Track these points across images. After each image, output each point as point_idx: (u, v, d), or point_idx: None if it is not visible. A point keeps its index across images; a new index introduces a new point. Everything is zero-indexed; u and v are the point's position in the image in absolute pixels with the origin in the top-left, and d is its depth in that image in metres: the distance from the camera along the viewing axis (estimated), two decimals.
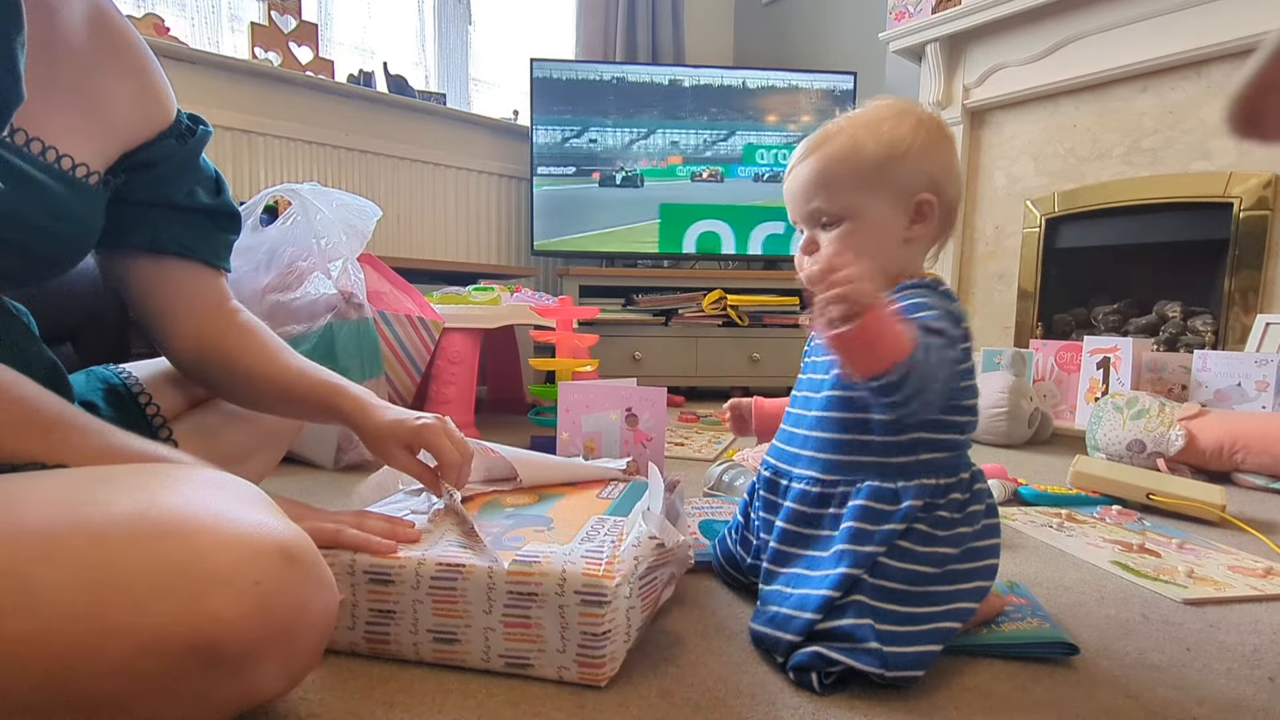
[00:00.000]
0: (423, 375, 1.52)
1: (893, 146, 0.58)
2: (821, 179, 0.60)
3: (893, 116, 0.60)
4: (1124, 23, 1.76)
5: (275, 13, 2.04)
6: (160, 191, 0.60)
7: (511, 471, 0.74)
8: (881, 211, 0.59)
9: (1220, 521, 1.02)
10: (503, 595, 0.51)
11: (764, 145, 2.44)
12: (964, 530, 0.57)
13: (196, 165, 0.62)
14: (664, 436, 1.25)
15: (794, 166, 0.63)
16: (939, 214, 0.60)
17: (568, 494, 0.72)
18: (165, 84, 0.60)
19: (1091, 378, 1.73)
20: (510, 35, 2.67)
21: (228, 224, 0.66)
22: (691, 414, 1.98)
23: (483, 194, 2.52)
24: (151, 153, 0.58)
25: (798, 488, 0.60)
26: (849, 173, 0.59)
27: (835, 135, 0.61)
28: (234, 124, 1.95)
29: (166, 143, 0.59)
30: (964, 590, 0.55)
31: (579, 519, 0.63)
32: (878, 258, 0.60)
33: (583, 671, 0.51)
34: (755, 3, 3.02)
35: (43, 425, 0.42)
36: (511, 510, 0.66)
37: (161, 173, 0.59)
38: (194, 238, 0.62)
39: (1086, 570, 0.82)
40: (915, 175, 0.59)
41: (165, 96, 0.59)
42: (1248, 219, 1.64)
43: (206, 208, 0.63)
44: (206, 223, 0.63)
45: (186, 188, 0.61)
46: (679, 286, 2.40)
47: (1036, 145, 2.04)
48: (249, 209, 1.42)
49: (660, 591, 0.59)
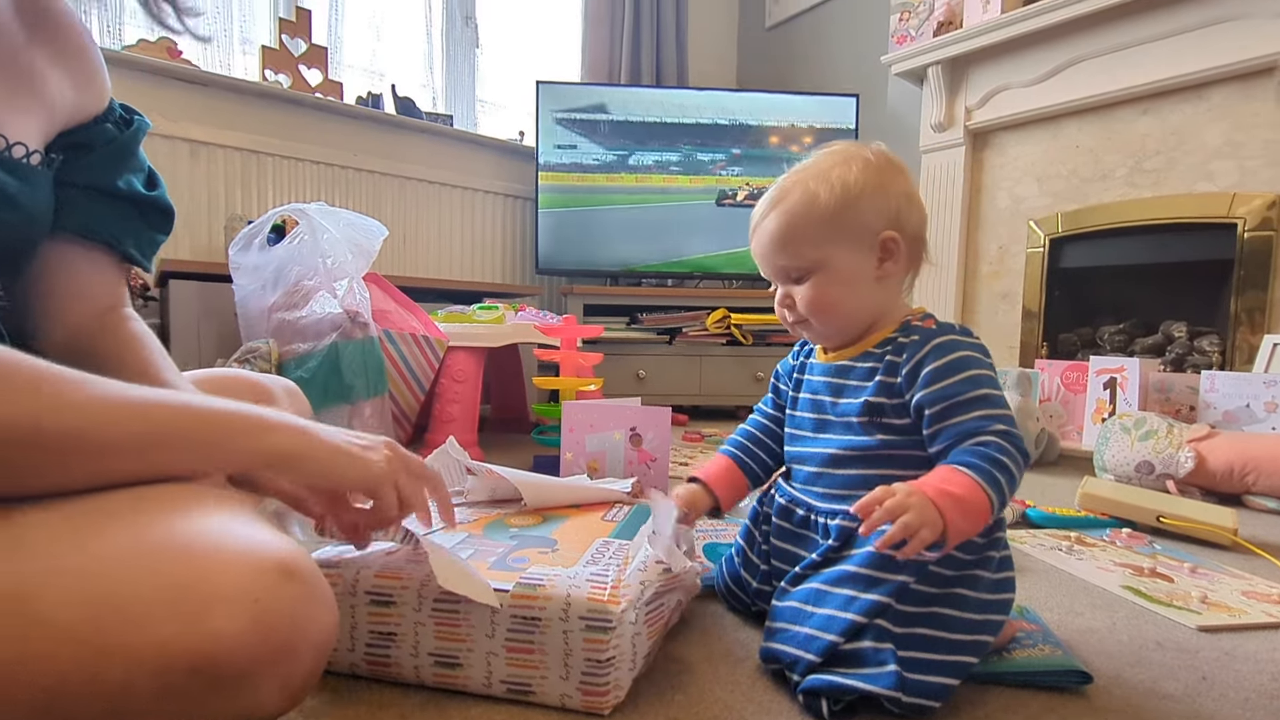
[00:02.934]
0: (427, 394, 1.52)
1: (846, 192, 0.59)
2: (784, 235, 0.61)
3: (840, 162, 0.61)
4: (1125, 46, 1.78)
5: (286, 36, 2.08)
6: (95, 176, 0.56)
7: (516, 493, 0.74)
8: (848, 258, 0.60)
9: (1233, 545, 1.01)
10: (506, 620, 0.51)
11: (766, 166, 2.45)
12: (992, 555, 0.56)
13: (135, 154, 0.59)
14: (668, 456, 1.25)
15: (756, 225, 0.64)
16: (905, 248, 0.61)
17: (572, 516, 0.72)
18: (102, 66, 0.57)
19: (1098, 398, 1.72)
20: (517, 58, 2.71)
21: (159, 221, 0.61)
22: (696, 433, 1.97)
23: (488, 213, 2.55)
24: (88, 134, 0.55)
25: (836, 525, 0.59)
26: (809, 225, 0.60)
27: (790, 190, 0.62)
28: (243, 144, 1.98)
29: (104, 127, 0.56)
30: (984, 622, 0.55)
31: (584, 541, 0.62)
32: (852, 301, 0.61)
33: (586, 700, 0.50)
34: (758, 26, 3.07)
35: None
36: (516, 531, 0.66)
37: (98, 157, 0.56)
38: (122, 229, 0.58)
39: (1097, 595, 0.81)
40: (874, 215, 0.60)
41: (102, 79, 0.57)
42: (1252, 239, 1.64)
43: (140, 198, 0.59)
44: (135, 214, 0.59)
45: (123, 175, 0.58)
46: (683, 305, 2.40)
47: (1039, 166, 2.05)
48: (257, 228, 1.43)
49: (668, 617, 0.58)
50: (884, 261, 0.61)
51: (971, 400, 0.55)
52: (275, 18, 2.12)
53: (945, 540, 0.49)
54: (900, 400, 0.58)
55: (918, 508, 0.48)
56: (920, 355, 0.57)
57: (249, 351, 1.26)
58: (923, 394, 0.56)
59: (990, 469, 0.52)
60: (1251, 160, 1.65)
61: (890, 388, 0.59)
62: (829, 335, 0.64)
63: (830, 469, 0.62)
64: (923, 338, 0.58)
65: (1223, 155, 1.69)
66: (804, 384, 0.67)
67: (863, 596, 0.53)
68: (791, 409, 0.68)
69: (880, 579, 0.53)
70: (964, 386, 0.55)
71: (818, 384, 0.65)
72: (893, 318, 0.62)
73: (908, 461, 0.58)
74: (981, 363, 0.57)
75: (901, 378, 0.58)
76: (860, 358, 0.62)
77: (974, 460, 0.52)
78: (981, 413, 0.54)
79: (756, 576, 0.67)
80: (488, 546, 0.61)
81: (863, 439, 0.60)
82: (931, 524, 0.48)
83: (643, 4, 2.72)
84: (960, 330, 0.59)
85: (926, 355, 0.57)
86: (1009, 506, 1.08)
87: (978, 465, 0.52)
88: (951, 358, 0.56)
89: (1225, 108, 1.68)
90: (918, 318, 0.61)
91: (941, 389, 0.55)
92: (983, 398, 0.55)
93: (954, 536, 0.50)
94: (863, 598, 0.53)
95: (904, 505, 0.49)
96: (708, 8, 3.04)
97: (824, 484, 0.63)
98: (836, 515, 0.60)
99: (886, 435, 0.59)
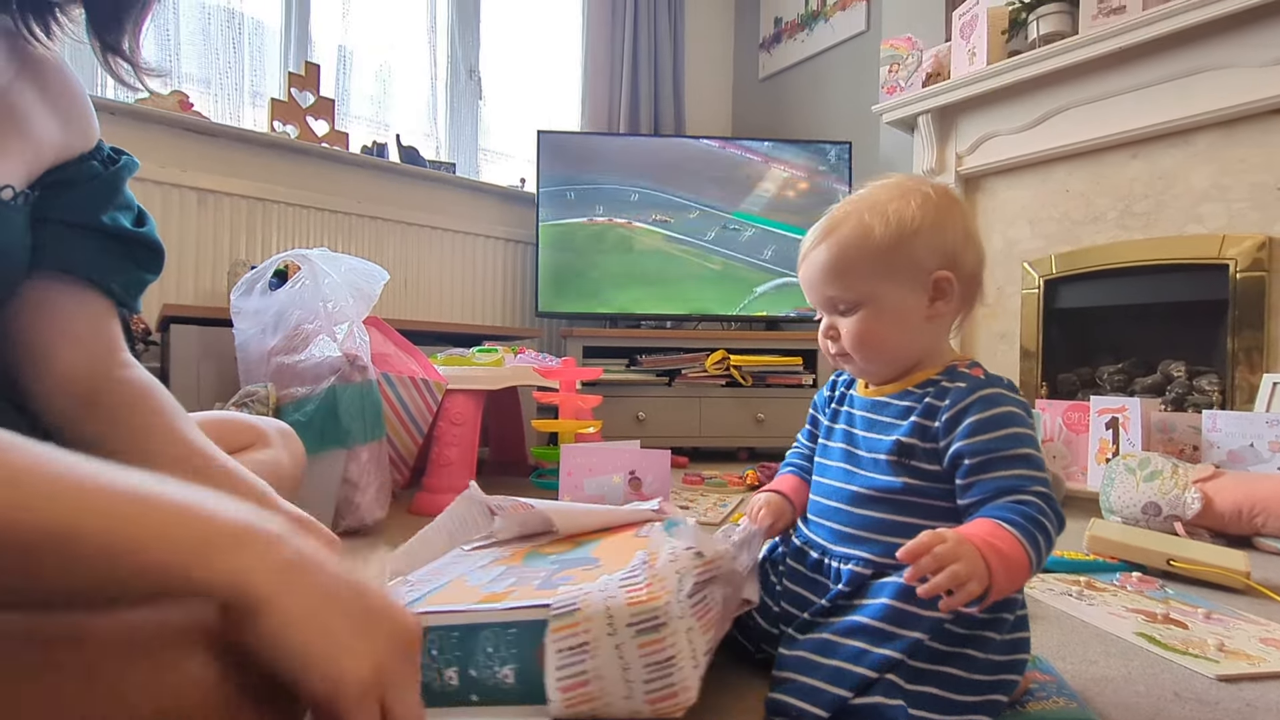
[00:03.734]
0: (425, 437, 1.51)
1: (901, 227, 0.58)
2: (835, 267, 0.60)
3: (898, 196, 0.59)
4: (1110, 95, 1.83)
5: (295, 89, 2.14)
6: (78, 212, 0.53)
7: (546, 525, 0.73)
8: (899, 295, 0.59)
9: (1246, 589, 0.99)
10: (553, 656, 0.47)
11: (762, 212, 2.50)
12: (1006, 616, 0.55)
13: (120, 190, 0.57)
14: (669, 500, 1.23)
15: (806, 254, 0.63)
16: (959, 288, 0.59)
17: (605, 537, 0.70)
18: (90, 107, 0.56)
19: (1101, 438, 1.71)
20: (519, 108, 2.79)
21: (146, 259, 0.58)
22: (696, 475, 1.95)
23: (489, 257, 2.58)
24: (72, 171, 0.54)
25: (849, 569, 0.58)
26: (861, 259, 0.59)
27: (843, 221, 0.60)
28: (250, 192, 2.02)
29: (88, 164, 0.55)
30: (997, 682, 0.53)
31: (624, 556, 0.60)
32: (899, 339, 0.60)
33: (657, 707, 0.46)
34: (752, 77, 3.17)
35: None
36: (555, 557, 0.64)
37: (80, 193, 0.54)
38: (107, 266, 0.55)
39: (1111, 642, 0.79)
40: (929, 253, 0.58)
41: (89, 119, 0.56)
42: (1244, 280, 1.66)
43: (126, 235, 0.56)
44: (120, 252, 0.56)
45: (107, 211, 0.55)
46: (682, 347, 2.41)
47: (1031, 209, 2.09)
48: (259, 273, 1.45)
49: (718, 612, 0.55)
50: (936, 301, 0.59)
51: (1013, 457, 0.53)
52: (285, 71, 2.19)
53: (987, 595, 0.47)
54: (933, 445, 0.57)
55: (968, 559, 0.46)
56: (965, 403, 0.56)
57: (247, 395, 1.26)
58: (963, 443, 0.55)
59: (1032, 529, 0.50)
60: (1239, 203, 1.68)
61: (925, 430, 0.57)
62: (871, 371, 0.63)
63: (850, 506, 0.61)
64: (970, 386, 0.57)
65: (1210, 198, 1.72)
66: (841, 415, 0.66)
67: (875, 651, 0.52)
68: (825, 439, 0.67)
69: (894, 633, 0.52)
70: (1007, 442, 0.54)
71: (856, 417, 0.64)
72: (938, 359, 0.61)
73: (930, 511, 0.57)
74: (1025, 421, 0.56)
75: (940, 422, 0.56)
76: (899, 395, 0.61)
77: (1016, 518, 0.50)
78: (1022, 471, 0.53)
79: (767, 618, 0.65)
80: (529, 573, 0.59)
81: (888, 479, 0.59)
82: (980, 577, 0.46)
83: (641, 57, 2.82)
84: (1007, 385, 0.58)
85: (972, 405, 0.55)
86: None
87: (1020, 524, 0.50)
88: (997, 411, 0.55)
89: (1210, 153, 1.72)
90: (965, 364, 0.60)
91: (985, 441, 0.54)
92: (1025, 457, 0.54)
93: (995, 593, 0.47)
94: (875, 652, 0.51)
95: (955, 554, 0.46)
96: (703, 61, 3.15)
97: (840, 521, 0.61)
98: (850, 560, 0.58)
99: (912, 479, 0.58)
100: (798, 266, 0.64)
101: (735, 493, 1.77)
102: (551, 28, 2.88)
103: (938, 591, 0.46)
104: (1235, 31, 1.60)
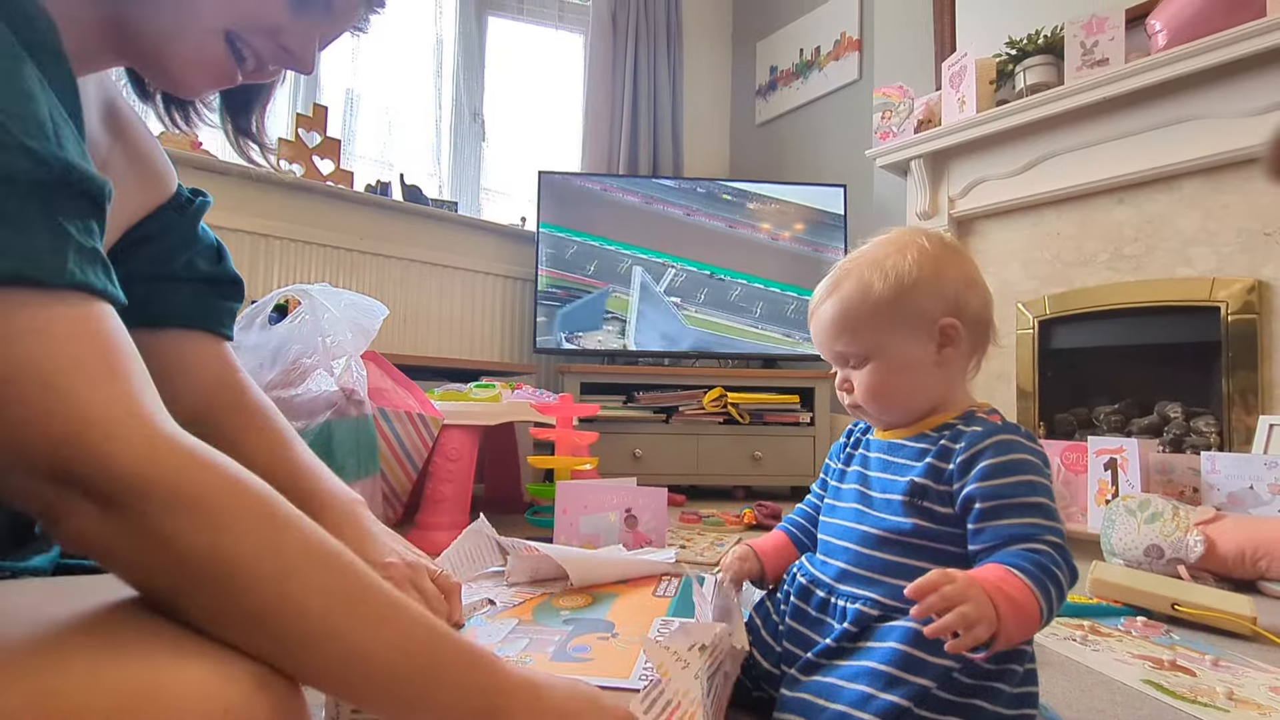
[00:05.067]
0: (419, 473, 1.49)
1: (900, 280, 0.59)
2: (839, 323, 0.62)
3: (895, 251, 0.61)
4: (1097, 141, 1.88)
5: (303, 130, 2.19)
6: (156, 265, 0.55)
7: (559, 570, 0.72)
8: (904, 346, 0.60)
9: (1253, 635, 0.97)
10: None
11: (759, 253, 2.53)
12: (1015, 668, 0.53)
13: (194, 234, 0.59)
14: (665, 539, 1.21)
15: (814, 311, 0.65)
16: (966, 332, 0.60)
17: (623, 593, 0.69)
18: (166, 161, 0.58)
19: (1100, 479, 1.70)
20: (521, 149, 2.86)
21: (229, 291, 0.61)
22: (693, 514, 1.93)
23: (488, 294, 2.60)
24: (148, 228, 0.55)
25: (854, 608, 0.57)
26: (863, 314, 0.60)
27: (845, 278, 0.62)
28: (254, 229, 2.05)
29: (164, 214, 0.56)
30: None
31: (641, 621, 0.60)
32: (911, 388, 0.61)
33: None
34: (749, 122, 3.26)
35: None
36: (569, 614, 0.63)
37: (159, 246, 0.55)
38: (193, 306, 0.58)
39: (1118, 690, 0.77)
40: (931, 302, 0.59)
41: (169, 173, 0.58)
42: (1236, 322, 1.67)
43: (205, 275, 0.59)
44: (206, 290, 0.59)
45: (185, 258, 0.57)
46: (679, 384, 2.41)
47: (1023, 252, 2.12)
48: (259, 308, 1.46)
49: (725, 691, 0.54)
50: (944, 348, 0.60)
51: (1027, 505, 0.53)
52: (293, 113, 2.24)
53: (993, 642, 0.46)
54: (946, 488, 0.56)
55: (977, 601, 0.45)
56: (980, 447, 0.55)
57: None
58: (975, 487, 0.54)
59: (1044, 579, 0.49)
60: (1226, 247, 1.71)
61: (939, 473, 0.57)
62: (886, 420, 0.64)
63: (859, 546, 0.60)
64: (986, 430, 0.56)
65: (1199, 242, 1.75)
66: (855, 458, 0.66)
67: (881, 696, 0.50)
68: (838, 481, 0.67)
69: (901, 679, 0.50)
70: (1021, 489, 0.53)
71: (871, 459, 0.64)
72: (956, 404, 0.61)
73: (940, 555, 0.56)
74: (1041, 470, 0.55)
75: (954, 465, 0.56)
76: (915, 438, 0.61)
77: (1028, 566, 0.49)
78: (1035, 520, 0.52)
79: (769, 657, 0.63)
80: (543, 635, 0.58)
81: (899, 521, 0.58)
82: (988, 621, 0.45)
83: (641, 102, 2.90)
84: (1025, 434, 0.57)
85: (986, 449, 0.55)
86: None
87: (1032, 572, 0.49)
88: (1013, 458, 0.54)
89: (1196, 198, 1.76)
90: (983, 410, 0.60)
91: (998, 486, 0.53)
92: (1038, 505, 0.53)
93: (1003, 640, 0.46)
94: (881, 697, 0.50)
95: (964, 595, 0.45)
96: (701, 106, 3.24)
97: (849, 560, 0.60)
98: (857, 600, 0.57)
99: (924, 521, 0.57)
100: (808, 322, 0.67)
101: (732, 531, 1.75)
102: (554, 73, 2.97)
103: (944, 632, 0.45)
104: (1215, 84, 1.65)
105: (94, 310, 0.34)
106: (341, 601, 0.35)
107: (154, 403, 0.34)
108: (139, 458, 0.32)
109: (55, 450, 0.30)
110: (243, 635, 0.33)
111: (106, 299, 0.35)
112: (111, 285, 0.35)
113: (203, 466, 0.34)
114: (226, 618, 0.33)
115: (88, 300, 0.34)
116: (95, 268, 0.34)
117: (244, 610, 0.33)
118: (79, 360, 0.32)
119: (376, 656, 0.36)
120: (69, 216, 0.33)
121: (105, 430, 0.31)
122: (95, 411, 0.31)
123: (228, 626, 0.33)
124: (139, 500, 0.31)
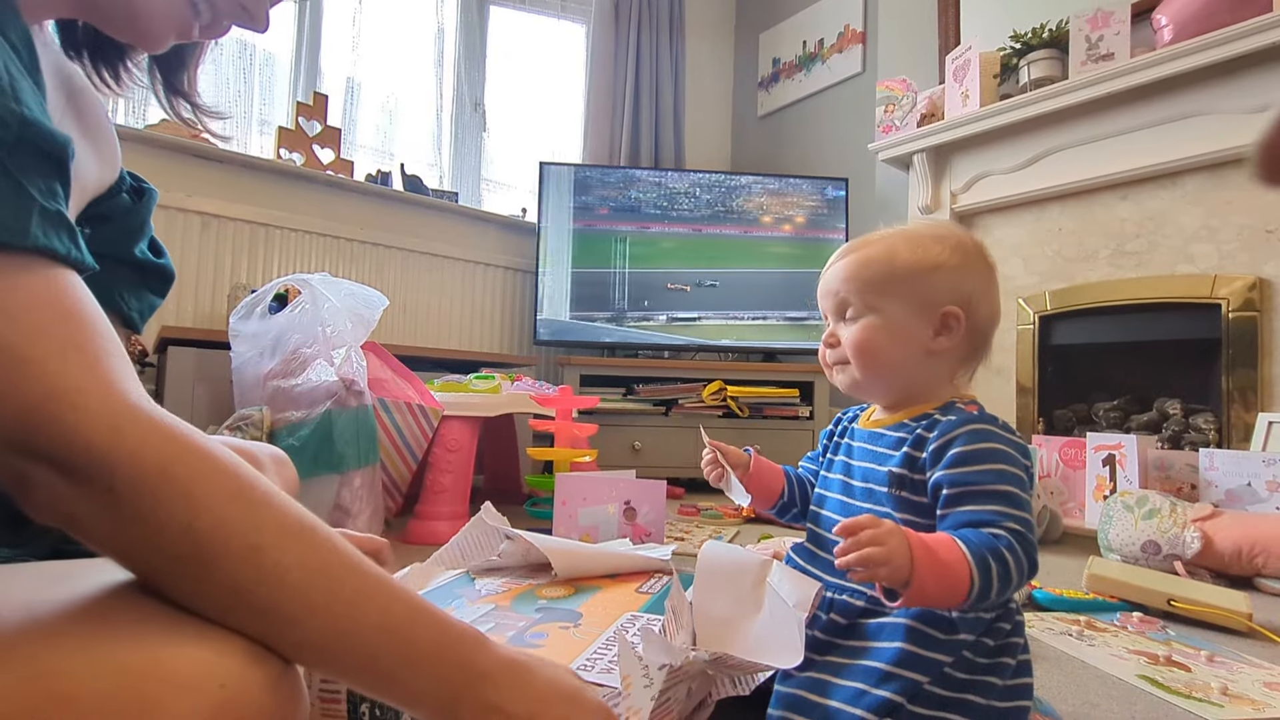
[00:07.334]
0: (419, 464, 1.50)
1: (926, 259, 0.60)
2: (852, 273, 0.62)
3: (933, 236, 0.61)
4: (1100, 137, 1.88)
5: (303, 119, 2.18)
6: (115, 245, 0.55)
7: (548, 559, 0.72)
8: (904, 315, 0.60)
9: (1248, 631, 0.97)
10: None
11: (759, 246, 2.53)
12: (1008, 661, 0.54)
13: (148, 223, 0.58)
14: (663, 531, 1.22)
15: (831, 264, 0.65)
16: (965, 330, 0.60)
17: (606, 587, 0.69)
18: (115, 135, 0.57)
19: (1098, 475, 1.70)
20: (522, 140, 2.85)
21: (158, 286, 0.60)
22: (692, 506, 1.93)
23: (489, 285, 2.60)
24: (105, 206, 0.54)
25: (841, 599, 0.57)
26: (879, 274, 0.61)
27: (875, 241, 0.63)
28: (254, 218, 2.04)
29: (120, 197, 0.55)
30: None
31: (610, 614, 0.60)
32: (895, 356, 0.61)
33: None
34: (751, 115, 3.24)
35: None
36: (544, 603, 0.64)
37: (118, 227, 0.55)
38: (130, 295, 0.57)
39: (1113, 685, 0.77)
40: (945, 289, 0.60)
41: (117, 148, 0.57)
42: (1237, 320, 1.67)
43: (148, 265, 0.58)
44: (140, 280, 0.58)
45: (138, 244, 0.57)
46: (679, 377, 2.41)
47: (1025, 247, 2.12)
48: (259, 297, 1.45)
49: (677, 713, 0.52)
50: (939, 335, 0.60)
51: (993, 493, 0.52)
52: (293, 101, 2.23)
53: (902, 593, 0.47)
54: (921, 477, 0.57)
55: (891, 548, 0.46)
56: (951, 435, 0.55)
57: (241, 419, 1.25)
58: (944, 474, 0.54)
59: (987, 555, 0.48)
60: (1228, 244, 1.71)
61: (914, 462, 0.57)
62: (863, 386, 0.63)
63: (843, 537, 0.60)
64: (960, 419, 0.56)
65: (1200, 239, 1.75)
66: (840, 447, 0.67)
67: (874, 692, 0.50)
68: (826, 470, 0.67)
69: (894, 674, 0.51)
70: (988, 477, 0.53)
71: (854, 449, 0.64)
72: (936, 395, 0.61)
73: None
74: (1014, 460, 0.54)
75: (927, 453, 0.56)
76: (894, 427, 0.61)
77: (975, 540, 0.50)
78: (999, 507, 0.51)
79: None
80: (510, 620, 0.58)
81: (881, 510, 0.58)
82: (894, 568, 0.46)
83: (642, 93, 2.88)
84: (1002, 425, 0.57)
85: (958, 437, 0.55)
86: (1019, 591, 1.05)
87: (975, 546, 0.49)
88: (983, 446, 0.54)
89: (1199, 195, 1.75)
90: (964, 401, 0.60)
91: (964, 473, 0.53)
92: (1004, 494, 0.52)
93: (915, 596, 0.47)
94: (874, 693, 0.50)
95: (879, 539, 0.47)
96: (703, 98, 3.22)
97: (834, 551, 0.60)
98: (844, 591, 0.57)
99: (902, 512, 0.57)
100: (822, 275, 0.66)
101: (731, 524, 1.75)
102: (556, 63, 2.96)
103: (848, 566, 0.47)
104: (1218, 80, 1.65)
105: (59, 277, 0.33)
106: (319, 577, 0.35)
107: (122, 372, 0.33)
108: (104, 428, 0.31)
109: (20, 421, 0.30)
110: (220, 610, 0.33)
111: (71, 265, 0.34)
112: (77, 250, 0.34)
113: (170, 439, 0.33)
114: (203, 593, 0.33)
115: (52, 266, 0.33)
116: (60, 232, 0.33)
117: (220, 585, 0.33)
118: (43, 329, 0.31)
119: (356, 633, 0.36)
120: (30, 176, 0.32)
121: (70, 400, 0.30)
122: (60, 383, 0.30)
123: (205, 602, 0.33)
124: (105, 473, 0.31)
